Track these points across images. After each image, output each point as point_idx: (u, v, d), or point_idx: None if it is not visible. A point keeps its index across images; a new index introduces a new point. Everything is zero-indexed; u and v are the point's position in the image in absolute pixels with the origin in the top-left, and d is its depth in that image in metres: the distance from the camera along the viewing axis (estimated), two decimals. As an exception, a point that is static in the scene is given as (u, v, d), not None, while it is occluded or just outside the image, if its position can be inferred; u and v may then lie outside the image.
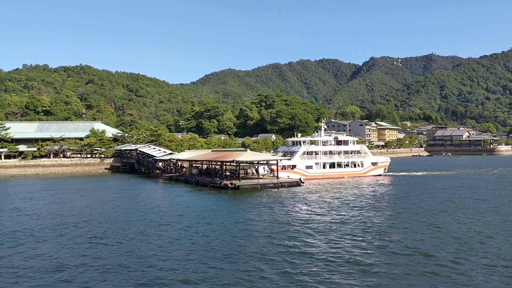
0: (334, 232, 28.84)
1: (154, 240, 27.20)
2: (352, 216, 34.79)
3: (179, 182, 68.67)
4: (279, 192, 52.05)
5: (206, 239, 27.05)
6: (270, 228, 30.21)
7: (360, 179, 69.49)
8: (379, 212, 36.97)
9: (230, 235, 28.17)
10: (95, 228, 31.29)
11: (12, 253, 24.62)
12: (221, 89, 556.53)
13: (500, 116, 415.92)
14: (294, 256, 22.99)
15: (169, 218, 34.96)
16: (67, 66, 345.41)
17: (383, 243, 25.67)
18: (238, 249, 24.34)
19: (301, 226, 30.61)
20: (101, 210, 40.03)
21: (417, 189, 54.59)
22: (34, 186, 64.33)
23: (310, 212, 37.01)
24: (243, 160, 59.17)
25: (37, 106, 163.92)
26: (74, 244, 26.67)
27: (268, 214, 35.65)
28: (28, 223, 33.93)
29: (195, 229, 30.44)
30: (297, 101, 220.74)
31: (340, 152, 73.09)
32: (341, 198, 45.84)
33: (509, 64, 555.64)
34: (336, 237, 27.43)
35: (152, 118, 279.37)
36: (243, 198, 47.13)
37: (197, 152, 79.57)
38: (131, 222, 33.26)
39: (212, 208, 39.59)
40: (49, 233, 30.00)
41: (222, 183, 56.57)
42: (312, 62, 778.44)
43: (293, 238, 26.98)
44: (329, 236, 27.57)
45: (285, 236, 27.70)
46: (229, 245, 25.44)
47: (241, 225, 31.55)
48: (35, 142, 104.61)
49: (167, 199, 47.28)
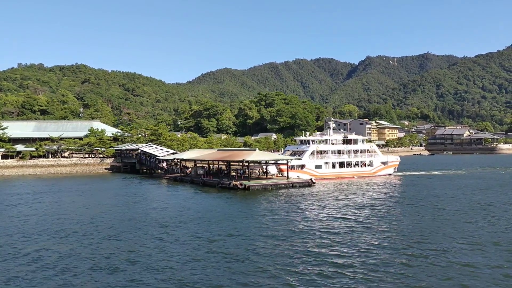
0: (363, 240, 26.79)
1: (171, 250, 24.63)
2: (376, 221, 32.94)
3: (184, 182, 66.58)
4: (291, 193, 50.08)
5: (224, 248, 24.59)
6: (292, 236, 27.70)
7: (370, 179, 67.71)
8: (404, 217, 34.99)
9: (251, 244, 25.75)
10: (102, 235, 28.89)
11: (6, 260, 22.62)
12: (217, 88, 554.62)
13: (496, 115, 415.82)
14: (322, 265, 21.13)
15: (181, 224, 32.29)
16: (63, 65, 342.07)
17: (418, 251, 23.73)
18: (266, 263, 22.18)
19: (323, 234, 28.27)
20: (106, 214, 37.57)
21: (435, 190, 52.83)
22: (32, 187, 62.04)
23: (328, 216, 34.63)
24: (253, 160, 57.20)
25: (34, 105, 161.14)
26: (76, 255, 24.01)
27: (286, 221, 32.60)
28: (25, 227, 31.78)
29: (210, 235, 28.11)
30: (296, 100, 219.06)
31: (350, 151, 71.22)
32: (358, 200, 43.87)
33: (504, 63, 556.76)
34: (369, 247, 25.50)
35: (149, 118, 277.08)
36: (255, 200, 45.04)
37: (202, 152, 77.48)
38: (141, 229, 30.59)
39: (226, 212, 37.00)
40: (48, 240, 27.77)
41: (231, 183, 54.56)
42: (308, 61, 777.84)
43: (317, 246, 24.98)
44: (359, 246, 25.63)
45: (311, 244, 25.65)
46: (254, 256, 23.44)
47: (259, 231, 29.35)
48: (33, 141, 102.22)
49: (175, 202, 44.79)
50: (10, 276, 20.14)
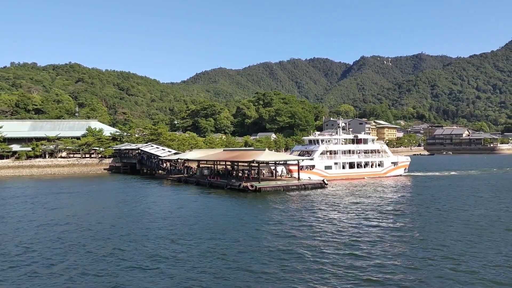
0: (385, 250, 24.66)
1: (188, 264, 22.01)
2: (403, 228, 30.88)
3: (189, 183, 64.20)
4: (304, 196, 47.77)
5: (247, 266, 21.67)
6: (320, 250, 24.99)
7: (381, 180, 65.69)
8: (428, 223, 32.81)
9: (274, 256, 23.14)
10: (105, 250, 25.29)
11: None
12: (212, 88, 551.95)
13: (491, 115, 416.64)
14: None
15: (192, 234, 28.40)
16: (56, 64, 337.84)
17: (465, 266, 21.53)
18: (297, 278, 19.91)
19: (355, 246, 25.78)
20: (109, 221, 34.19)
21: (452, 193, 50.90)
22: (29, 190, 59.13)
23: (350, 223, 32.02)
24: (264, 160, 54.90)
25: (28, 104, 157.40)
26: (76, 267, 21.37)
27: (309, 232, 29.75)
28: (21, 236, 29.03)
29: (227, 246, 25.38)
30: (294, 99, 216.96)
31: (360, 151, 69.11)
32: (378, 205, 41.46)
33: (498, 64, 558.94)
34: (392, 258, 23.33)
35: (144, 117, 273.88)
36: (268, 203, 42.44)
37: (206, 152, 75.09)
38: (148, 241, 27.24)
39: (240, 219, 33.45)
40: (44, 250, 25.16)
41: (241, 185, 52.25)
42: (303, 61, 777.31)
43: (352, 262, 22.72)
44: (384, 257, 23.48)
45: (344, 260, 23.35)
46: (284, 273, 21.16)
47: (281, 240, 26.93)
48: (29, 141, 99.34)
49: (182, 206, 41.50)
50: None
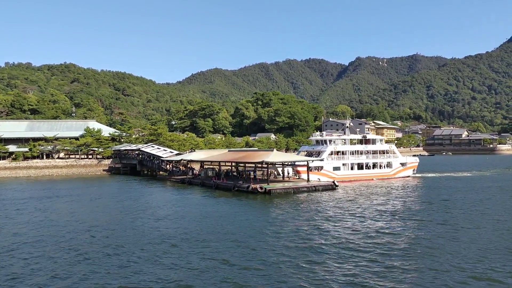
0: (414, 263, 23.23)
1: (207, 275, 20.29)
2: (429, 236, 29.38)
3: (194, 185, 62.33)
4: (315, 198, 45.96)
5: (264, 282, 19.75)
6: (346, 259, 23.51)
7: (389, 181, 64.17)
8: (461, 233, 31.19)
9: (299, 270, 21.45)
10: (111, 261, 23.02)
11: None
12: (208, 88, 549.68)
13: (487, 115, 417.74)
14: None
15: (201, 243, 26.15)
16: (51, 65, 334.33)
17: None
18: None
19: (380, 260, 24.27)
20: (111, 227, 31.73)
21: (472, 194, 49.43)
22: (26, 192, 56.73)
23: (371, 230, 30.03)
24: (273, 161, 53.17)
25: (24, 104, 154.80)
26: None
27: (328, 238, 28.16)
28: (14, 244, 26.85)
29: (246, 257, 23.44)
30: (293, 99, 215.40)
31: (368, 152, 67.51)
32: (394, 208, 39.71)
33: (493, 65, 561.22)
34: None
35: (140, 118, 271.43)
36: (280, 206, 40.55)
37: (210, 153, 73.26)
38: (153, 249, 24.99)
39: (253, 226, 30.98)
40: (39, 259, 23.30)
41: (250, 187, 50.49)
42: (299, 62, 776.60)
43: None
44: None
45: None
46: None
47: (301, 251, 25.11)
48: (26, 142, 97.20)
49: (189, 210, 39.27)
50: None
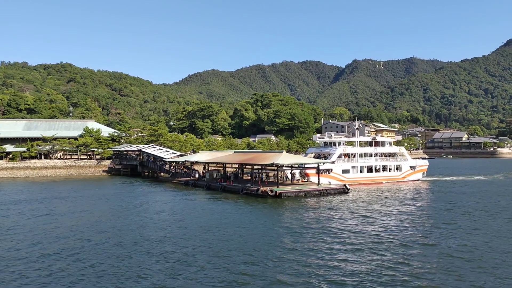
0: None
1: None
2: (457, 246, 27.61)
3: (198, 187, 60.40)
4: (328, 202, 44.19)
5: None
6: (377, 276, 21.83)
7: (399, 184, 62.58)
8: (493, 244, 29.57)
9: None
10: (120, 278, 20.95)
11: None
12: (205, 89, 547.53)
13: (484, 119, 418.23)
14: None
15: (223, 249, 24.26)
16: (47, 64, 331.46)
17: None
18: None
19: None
20: (115, 234, 29.36)
21: (492, 199, 47.89)
22: (23, 194, 54.53)
23: (395, 240, 28.51)
24: (283, 163, 51.39)
25: (20, 103, 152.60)
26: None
27: (352, 249, 26.68)
28: (8, 253, 24.96)
29: (265, 272, 21.42)
30: (293, 101, 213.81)
31: (377, 154, 65.90)
32: (411, 215, 38.05)
33: (490, 68, 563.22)
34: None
35: (138, 118, 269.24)
36: (294, 211, 38.53)
37: (215, 154, 71.40)
38: (175, 261, 23.04)
39: (267, 234, 28.49)
40: (34, 270, 21.23)
41: (260, 190, 48.67)
42: (296, 63, 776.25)
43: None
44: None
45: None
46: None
47: (333, 267, 23.63)
48: (23, 141, 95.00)
49: (200, 214, 37.27)
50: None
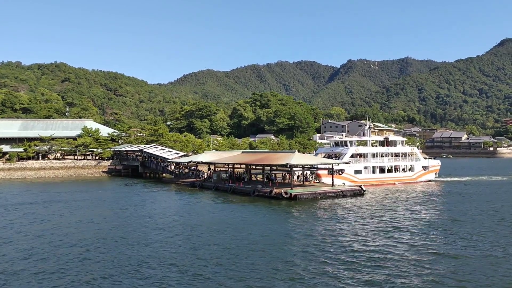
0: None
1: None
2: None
3: (206, 189, 58.23)
4: (347, 205, 42.21)
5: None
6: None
7: (412, 185, 60.80)
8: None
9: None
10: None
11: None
12: (200, 89, 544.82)
13: (479, 119, 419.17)
14: None
15: (240, 263, 21.73)
16: (41, 64, 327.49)
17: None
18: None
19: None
20: (120, 243, 26.85)
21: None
22: (20, 196, 51.93)
23: (431, 249, 26.79)
24: (297, 163, 49.41)
25: (15, 103, 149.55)
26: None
27: (385, 260, 24.92)
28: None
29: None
30: (292, 100, 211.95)
31: (390, 154, 64.05)
32: (435, 219, 36.10)
33: (484, 68, 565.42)
34: None
35: (133, 118, 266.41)
36: (313, 215, 36.48)
37: (220, 154, 69.22)
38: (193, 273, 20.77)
39: (293, 243, 26.19)
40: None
41: (273, 192, 46.62)
42: (291, 63, 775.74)
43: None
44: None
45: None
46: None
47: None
48: (20, 141, 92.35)
49: (209, 219, 34.92)
50: None
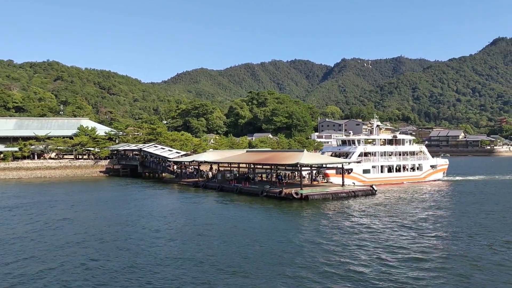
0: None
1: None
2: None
3: (209, 189, 56.47)
4: (361, 206, 40.76)
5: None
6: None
7: (421, 185, 59.52)
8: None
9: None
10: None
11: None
12: (194, 88, 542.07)
13: (472, 117, 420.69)
14: None
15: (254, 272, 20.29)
16: (33, 62, 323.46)
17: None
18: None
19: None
20: (126, 250, 25.48)
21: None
22: (16, 198, 49.68)
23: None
24: (307, 163, 47.84)
25: (8, 101, 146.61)
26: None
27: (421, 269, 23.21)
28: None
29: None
30: (289, 99, 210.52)
31: (398, 153, 62.71)
32: (457, 221, 35.09)
33: (477, 67, 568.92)
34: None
35: (127, 117, 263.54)
36: (329, 217, 34.91)
37: (223, 153, 67.49)
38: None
39: (313, 248, 24.91)
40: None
41: (283, 192, 44.99)
42: (284, 62, 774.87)
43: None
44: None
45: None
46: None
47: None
48: (14, 141, 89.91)
49: (218, 222, 33.24)
50: None
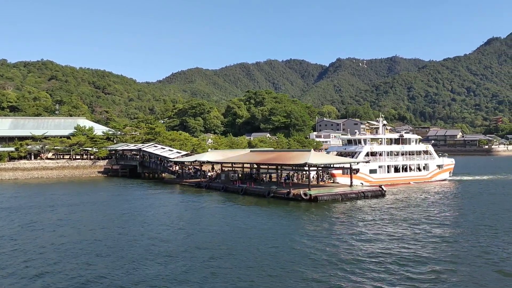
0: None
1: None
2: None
3: (213, 190, 55.24)
4: (373, 207, 39.66)
5: None
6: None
7: (428, 185, 58.55)
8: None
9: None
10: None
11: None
12: (189, 88, 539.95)
13: (467, 117, 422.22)
14: None
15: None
16: (27, 61, 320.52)
17: None
18: None
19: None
20: (131, 257, 24.44)
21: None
22: (11, 200, 48.20)
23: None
24: (316, 163, 46.64)
25: (2, 101, 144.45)
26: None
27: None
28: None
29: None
30: (287, 98, 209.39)
31: (404, 152, 61.71)
32: (472, 223, 34.14)
33: (472, 67, 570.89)
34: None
35: (123, 116, 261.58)
36: (342, 221, 33.73)
37: (226, 153, 66.21)
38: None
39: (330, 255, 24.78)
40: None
41: (291, 193, 43.77)
42: (280, 62, 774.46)
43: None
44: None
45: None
46: None
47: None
48: (10, 140, 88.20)
49: (224, 224, 32.32)
50: None
